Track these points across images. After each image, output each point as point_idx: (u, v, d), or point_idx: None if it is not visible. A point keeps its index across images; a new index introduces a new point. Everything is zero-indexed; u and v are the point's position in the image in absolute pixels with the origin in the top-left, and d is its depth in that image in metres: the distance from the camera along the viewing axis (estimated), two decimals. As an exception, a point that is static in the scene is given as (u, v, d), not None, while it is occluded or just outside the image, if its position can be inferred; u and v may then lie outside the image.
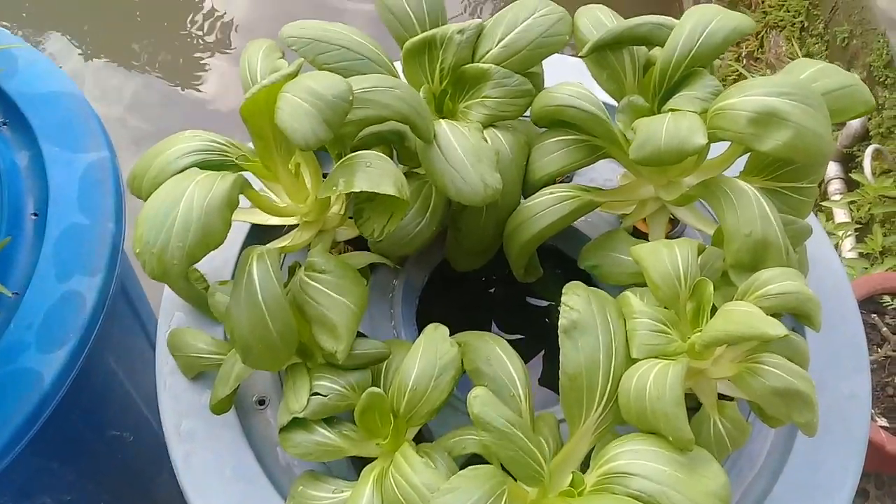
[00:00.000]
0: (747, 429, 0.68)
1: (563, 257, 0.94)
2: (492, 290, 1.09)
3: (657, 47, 0.78)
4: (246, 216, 0.80)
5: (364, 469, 0.70)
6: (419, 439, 0.77)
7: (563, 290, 0.69)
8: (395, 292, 0.87)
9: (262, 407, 0.81)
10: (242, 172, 0.74)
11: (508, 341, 1.11)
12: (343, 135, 0.72)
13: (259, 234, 0.87)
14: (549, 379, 1.04)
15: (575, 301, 0.67)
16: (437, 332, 0.70)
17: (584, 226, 0.91)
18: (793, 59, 2.22)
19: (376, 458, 0.72)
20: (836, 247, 1.66)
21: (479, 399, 0.64)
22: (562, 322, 0.66)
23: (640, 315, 0.67)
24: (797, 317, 0.66)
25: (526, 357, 1.06)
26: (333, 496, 0.71)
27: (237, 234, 0.87)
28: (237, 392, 0.77)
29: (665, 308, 0.69)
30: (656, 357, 0.65)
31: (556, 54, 0.83)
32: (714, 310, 0.67)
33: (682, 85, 0.75)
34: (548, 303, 1.09)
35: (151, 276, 0.64)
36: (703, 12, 0.73)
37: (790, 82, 0.67)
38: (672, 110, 0.72)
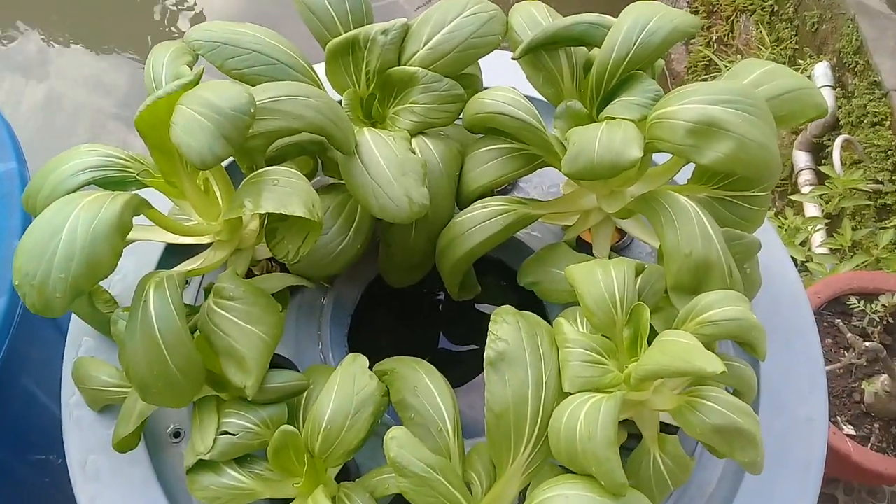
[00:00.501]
0: (689, 465, 0.63)
1: (506, 269, 0.88)
2: (437, 299, 1.04)
3: (597, 48, 0.73)
4: (157, 235, 0.73)
5: (278, 513, 0.64)
6: (345, 474, 0.71)
7: (491, 318, 0.63)
8: (324, 312, 0.81)
9: (176, 440, 0.75)
10: (144, 190, 0.68)
11: (458, 353, 1.07)
12: (251, 148, 0.66)
13: (177, 253, 0.81)
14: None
15: (503, 330, 0.62)
16: (355, 364, 0.65)
17: (527, 237, 0.85)
18: (762, 45, 2.17)
19: (294, 498, 0.66)
20: (806, 242, 1.61)
21: (395, 441, 0.58)
22: (488, 354, 0.61)
23: (574, 344, 0.62)
24: (740, 345, 0.61)
25: (477, 369, 1.02)
26: (247, 542, 0.65)
27: (151, 253, 0.81)
28: (147, 424, 0.72)
29: (601, 335, 0.63)
30: (590, 390, 0.60)
31: (498, 50, 0.77)
32: (655, 335, 0.62)
33: (621, 89, 0.69)
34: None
35: (33, 310, 0.58)
36: (640, 10, 0.68)
37: (732, 88, 0.61)
38: (608, 118, 0.67)
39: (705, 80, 2.28)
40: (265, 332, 0.65)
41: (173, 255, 0.81)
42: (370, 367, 0.67)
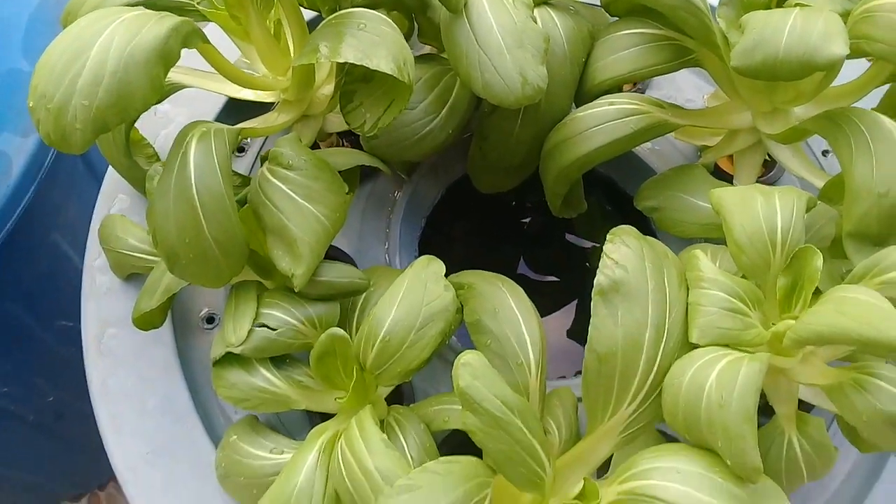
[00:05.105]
0: (833, 456, 0.50)
1: (615, 191, 0.74)
2: (525, 220, 0.91)
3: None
4: (213, 84, 0.61)
5: (313, 430, 0.53)
6: (397, 397, 0.60)
7: (609, 236, 0.50)
8: (396, 207, 0.69)
9: (210, 326, 0.64)
10: (205, 25, 0.56)
11: (537, 283, 0.94)
12: (338, -16, 0.53)
13: (237, 112, 0.69)
14: (579, 333, 0.86)
15: (622, 253, 0.48)
16: (429, 268, 0.52)
17: (649, 154, 0.71)
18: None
19: (335, 414, 0.55)
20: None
21: (468, 368, 0.46)
22: (599, 279, 0.48)
23: (711, 285, 0.48)
24: (934, 318, 0.47)
25: (556, 304, 0.89)
26: (270, 457, 0.54)
27: (207, 106, 0.69)
28: (177, 304, 0.61)
29: (746, 279, 0.49)
30: (725, 345, 0.47)
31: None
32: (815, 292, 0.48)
33: (818, -28, 0.53)
34: (591, 244, 0.90)
35: (47, 141, 0.47)
36: None
37: None
38: (800, 5, 0.52)
39: None
40: (325, 215, 0.52)
41: (232, 113, 0.69)
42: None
